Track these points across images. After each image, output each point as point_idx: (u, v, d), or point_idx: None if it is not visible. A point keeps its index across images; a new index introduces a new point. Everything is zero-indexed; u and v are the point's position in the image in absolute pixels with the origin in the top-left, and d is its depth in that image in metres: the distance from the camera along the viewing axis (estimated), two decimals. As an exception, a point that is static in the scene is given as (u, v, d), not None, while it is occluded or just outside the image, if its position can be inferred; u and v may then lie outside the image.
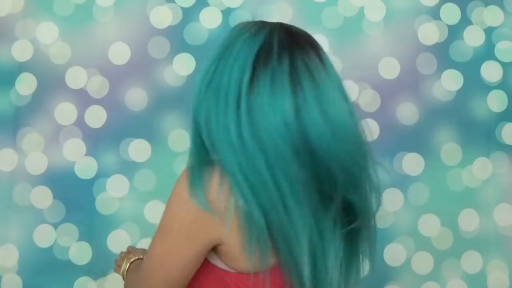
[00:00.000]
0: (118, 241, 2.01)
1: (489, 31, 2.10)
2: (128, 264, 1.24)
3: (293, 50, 0.99)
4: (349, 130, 0.98)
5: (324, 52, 1.03)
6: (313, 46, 1.02)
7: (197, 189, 0.95)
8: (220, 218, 0.95)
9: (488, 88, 2.09)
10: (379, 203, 1.06)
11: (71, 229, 2.01)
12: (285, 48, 0.98)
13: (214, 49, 1.03)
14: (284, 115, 0.93)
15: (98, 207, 2.01)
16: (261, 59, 0.97)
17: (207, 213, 0.94)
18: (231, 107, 0.95)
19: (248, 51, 0.98)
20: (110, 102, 2.04)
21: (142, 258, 1.24)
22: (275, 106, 0.94)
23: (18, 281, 1.98)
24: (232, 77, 0.96)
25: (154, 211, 2.00)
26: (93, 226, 2.02)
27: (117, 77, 2.04)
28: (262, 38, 0.99)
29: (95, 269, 2.00)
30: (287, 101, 0.94)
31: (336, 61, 2.07)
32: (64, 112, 2.03)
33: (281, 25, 1.04)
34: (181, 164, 1.99)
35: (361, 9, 2.08)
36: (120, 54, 2.04)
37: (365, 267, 1.11)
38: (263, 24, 1.04)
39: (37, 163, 2.01)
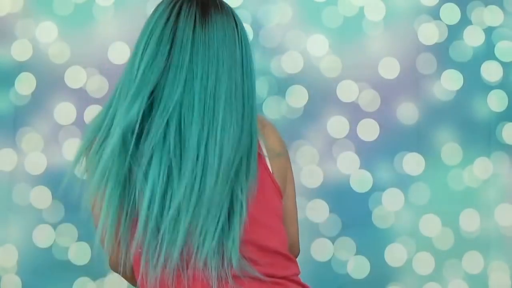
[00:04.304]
0: (117, 241, 2.00)
1: (489, 31, 2.10)
2: None
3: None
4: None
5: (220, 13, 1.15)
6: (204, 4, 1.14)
7: None
8: None
9: (488, 88, 2.09)
10: None
11: (70, 229, 2.00)
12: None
13: None
14: None
15: (97, 207, 2.01)
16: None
17: None
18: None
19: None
20: (110, 102, 2.03)
21: None
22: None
23: (17, 281, 1.98)
24: None
25: (153, 211, 1.99)
26: (91, 227, 1.99)
27: (117, 76, 1.98)
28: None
29: (95, 270, 1.98)
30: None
31: (336, 61, 2.07)
32: (64, 111, 2.02)
33: None
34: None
35: (361, 9, 2.08)
36: (119, 53, 2.03)
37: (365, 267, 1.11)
38: None
39: (36, 163, 2.00)
